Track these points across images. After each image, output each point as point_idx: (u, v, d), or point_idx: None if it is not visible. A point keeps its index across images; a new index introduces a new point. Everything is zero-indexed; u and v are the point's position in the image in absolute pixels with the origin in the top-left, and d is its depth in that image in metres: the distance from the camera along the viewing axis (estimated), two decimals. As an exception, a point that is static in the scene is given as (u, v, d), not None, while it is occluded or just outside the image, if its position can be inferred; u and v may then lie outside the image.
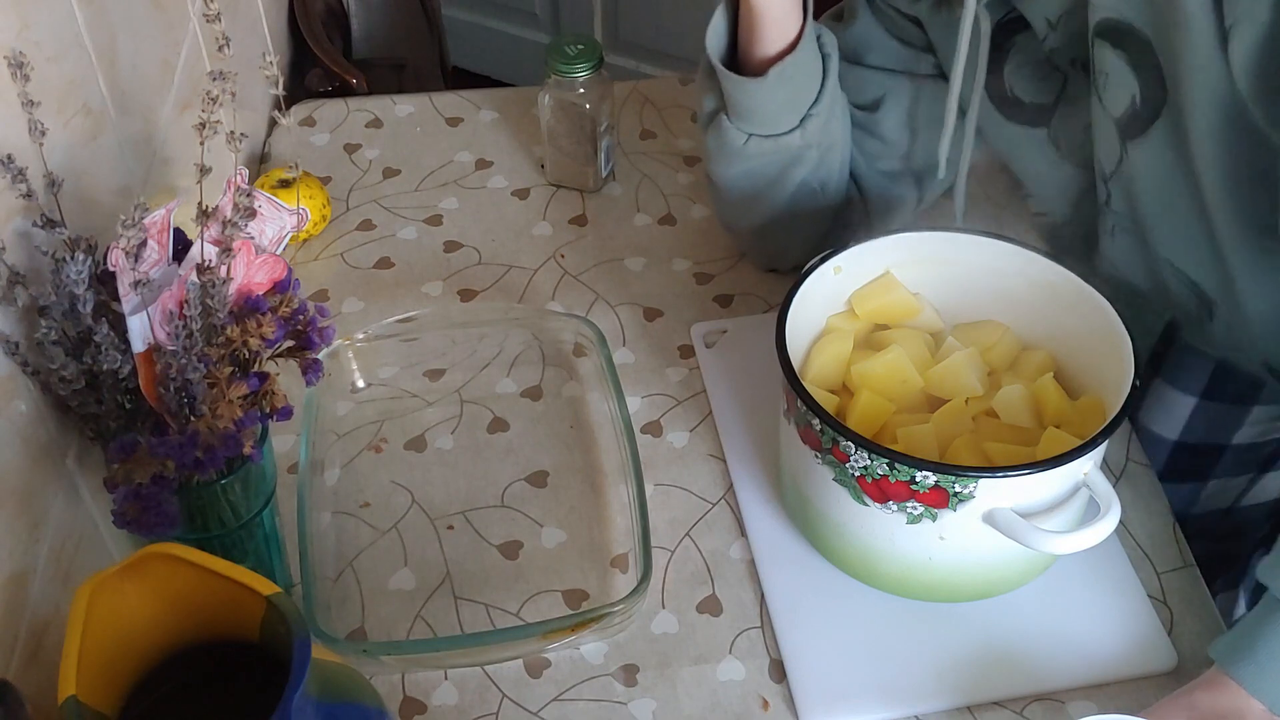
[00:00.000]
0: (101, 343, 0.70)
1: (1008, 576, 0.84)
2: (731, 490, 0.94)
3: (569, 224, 1.16)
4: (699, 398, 1.01)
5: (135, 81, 0.89)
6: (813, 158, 0.98)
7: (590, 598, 0.88)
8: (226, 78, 0.73)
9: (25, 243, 0.71)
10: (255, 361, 0.75)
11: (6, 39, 0.70)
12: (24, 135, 0.70)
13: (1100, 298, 0.84)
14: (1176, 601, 0.87)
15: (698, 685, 0.84)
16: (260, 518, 0.81)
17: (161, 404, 0.72)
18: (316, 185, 1.15)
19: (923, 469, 0.75)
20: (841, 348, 0.89)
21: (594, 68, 1.12)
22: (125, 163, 0.87)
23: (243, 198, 0.74)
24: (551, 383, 1.02)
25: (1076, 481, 0.78)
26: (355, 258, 1.13)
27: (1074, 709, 0.82)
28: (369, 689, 0.70)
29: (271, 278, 0.77)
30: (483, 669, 0.84)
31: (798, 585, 0.88)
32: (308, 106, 1.29)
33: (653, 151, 1.24)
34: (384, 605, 0.88)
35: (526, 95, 1.29)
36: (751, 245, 1.09)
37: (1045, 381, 0.86)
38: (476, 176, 1.21)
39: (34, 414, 0.73)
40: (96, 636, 0.61)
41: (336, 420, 0.99)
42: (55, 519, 0.74)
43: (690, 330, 1.05)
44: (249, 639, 0.65)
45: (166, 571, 0.63)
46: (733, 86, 0.93)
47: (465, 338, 1.04)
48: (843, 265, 0.89)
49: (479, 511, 0.93)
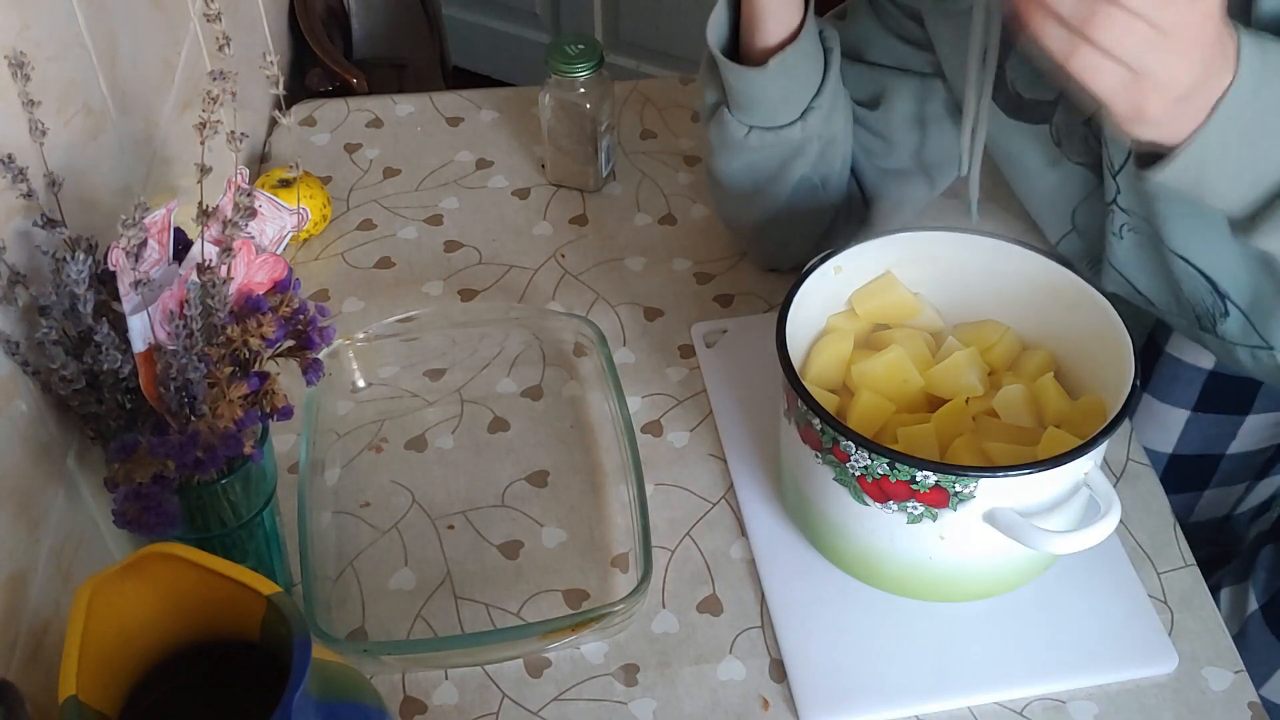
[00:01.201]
0: (102, 342, 0.70)
1: (1008, 576, 0.84)
2: (732, 490, 0.94)
3: (569, 224, 1.16)
4: (699, 397, 1.01)
5: (136, 81, 0.89)
6: (814, 151, 0.98)
7: (590, 597, 0.88)
8: (227, 77, 0.73)
9: (26, 242, 0.71)
10: (255, 361, 0.75)
11: (7, 39, 0.70)
12: (24, 135, 0.70)
13: (1100, 298, 0.84)
14: (1176, 601, 0.87)
15: (698, 685, 0.84)
16: (260, 517, 0.81)
17: (162, 404, 0.72)
18: (317, 185, 1.15)
19: (923, 469, 0.75)
20: (842, 347, 0.89)
21: (594, 67, 1.12)
22: (126, 162, 0.87)
23: (243, 197, 0.74)
24: (552, 382, 1.02)
25: (1077, 481, 0.78)
26: (355, 257, 1.13)
27: (1074, 709, 0.82)
28: (369, 689, 0.70)
29: (272, 277, 0.77)
30: (483, 669, 0.85)
31: (798, 585, 0.88)
32: (308, 106, 1.29)
33: (653, 151, 1.24)
34: (384, 605, 0.88)
35: (527, 95, 1.29)
36: (752, 242, 1.09)
37: (1045, 381, 0.86)
38: (477, 176, 1.21)
39: (34, 414, 0.73)
40: (96, 636, 0.61)
41: (337, 420, 0.99)
42: (55, 519, 0.74)
43: (690, 330, 1.05)
44: (249, 639, 0.65)
45: (167, 571, 0.63)
46: (734, 77, 0.93)
47: (465, 337, 1.04)
48: (843, 265, 0.89)
49: (479, 511, 0.93)
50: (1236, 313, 0.88)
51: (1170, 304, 0.94)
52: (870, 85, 1.01)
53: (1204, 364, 1.06)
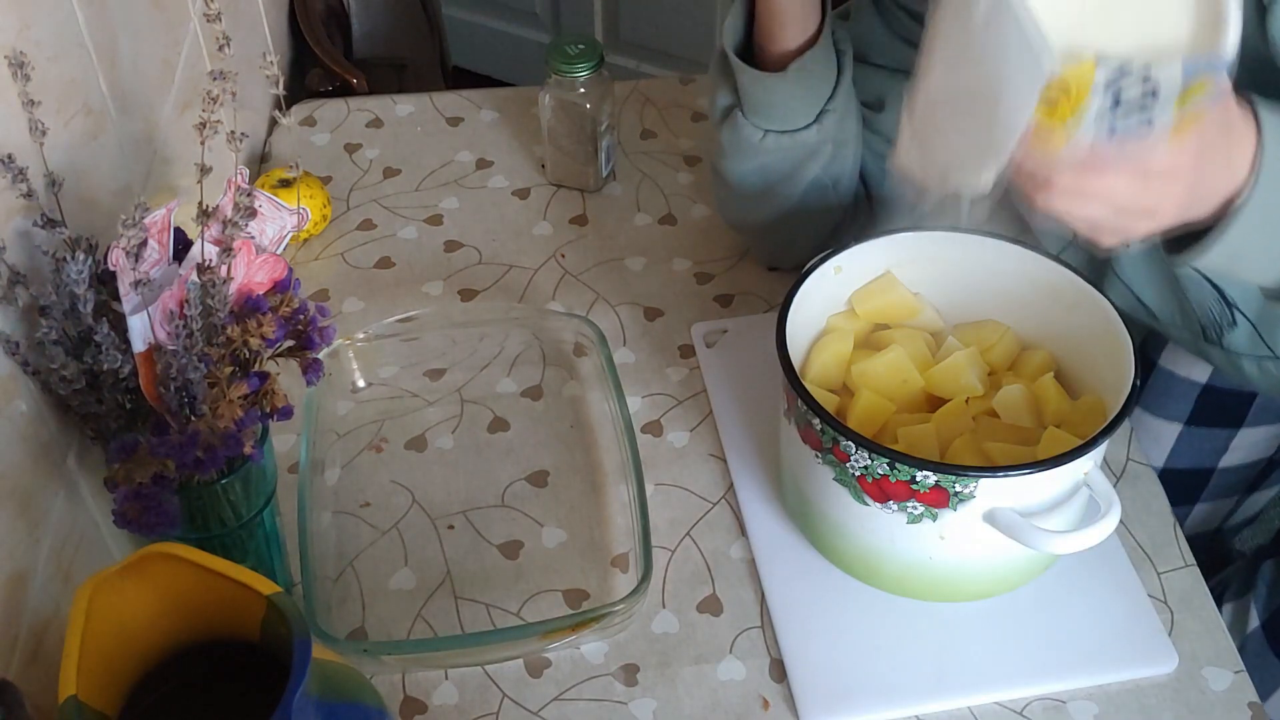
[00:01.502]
0: (102, 342, 0.70)
1: (1008, 576, 0.84)
2: (732, 490, 0.94)
3: (569, 224, 1.16)
4: (699, 397, 1.01)
5: (136, 81, 0.89)
6: (827, 153, 0.97)
7: (590, 597, 0.88)
8: (227, 77, 0.73)
9: (26, 242, 0.71)
10: (255, 361, 0.75)
11: (7, 39, 0.70)
12: (24, 135, 0.70)
13: (1101, 297, 0.84)
14: (1176, 601, 0.87)
15: (698, 685, 0.84)
16: (260, 517, 0.81)
17: (162, 404, 0.72)
18: (317, 185, 1.15)
19: (923, 469, 0.75)
20: (842, 347, 0.89)
21: (594, 67, 1.12)
22: (126, 162, 0.87)
23: (243, 197, 0.74)
24: (552, 382, 1.02)
25: (1077, 481, 0.78)
26: (355, 257, 1.13)
27: (1074, 709, 0.82)
28: (369, 689, 0.70)
29: (272, 277, 0.77)
30: (483, 669, 0.85)
31: (798, 585, 0.88)
32: (308, 106, 1.29)
33: (653, 151, 1.24)
34: (384, 605, 0.88)
35: (527, 95, 1.29)
36: (757, 241, 1.09)
37: (1045, 381, 0.86)
38: (477, 176, 1.21)
39: (34, 414, 0.73)
40: (97, 636, 0.61)
41: (337, 420, 0.99)
42: (55, 519, 0.74)
43: (690, 330, 1.05)
44: (249, 639, 0.65)
45: (167, 571, 0.63)
46: (751, 82, 0.93)
47: (465, 337, 1.04)
48: (843, 265, 0.89)
49: (479, 511, 0.93)
50: (1245, 322, 0.88)
51: (1174, 316, 0.93)
52: (874, 87, 1.01)
53: (1198, 377, 1.05)
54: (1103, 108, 0.59)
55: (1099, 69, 0.59)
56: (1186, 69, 0.59)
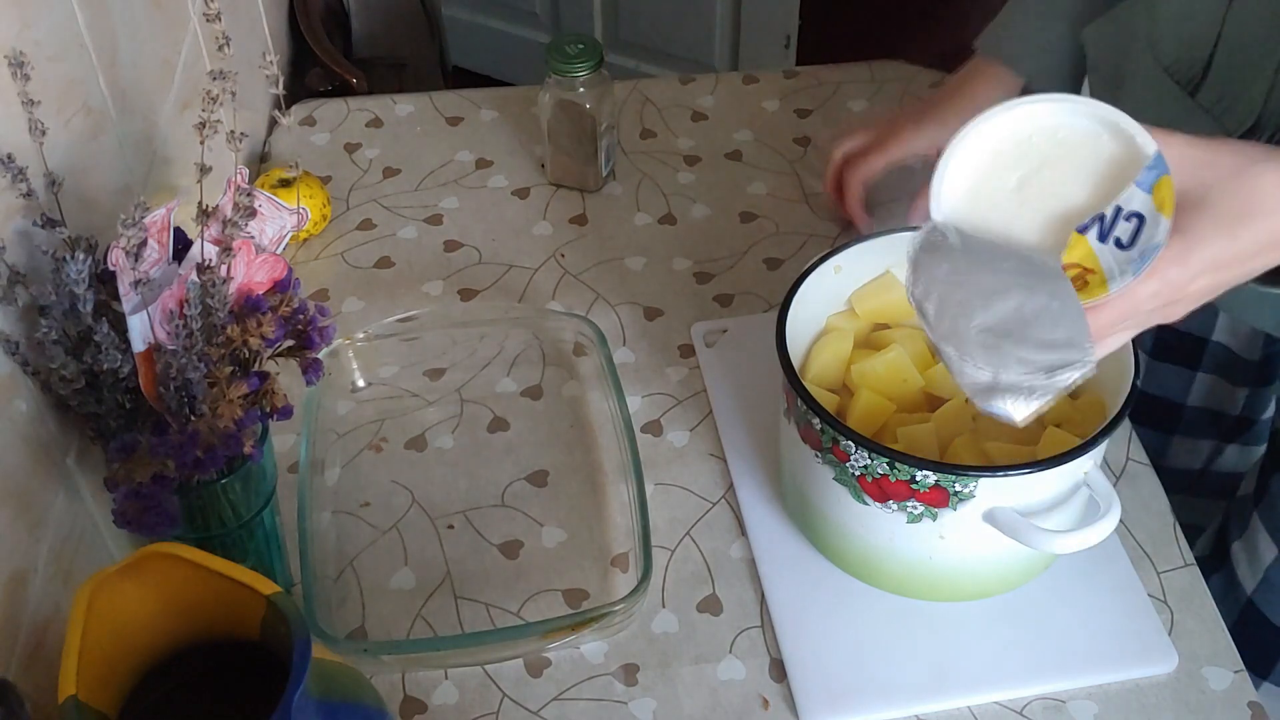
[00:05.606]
0: (102, 342, 0.70)
1: (1008, 576, 0.84)
2: (732, 490, 0.94)
3: (569, 223, 1.16)
4: (699, 397, 1.01)
5: (135, 81, 0.89)
6: None
7: (590, 597, 0.88)
8: (226, 77, 0.73)
9: (25, 242, 0.71)
10: (255, 361, 0.76)
11: (7, 38, 0.70)
12: (24, 134, 0.70)
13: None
14: (1176, 601, 0.87)
15: (698, 685, 0.84)
16: (260, 517, 0.81)
17: (162, 403, 0.72)
18: (316, 185, 1.15)
19: (923, 468, 0.75)
20: (841, 347, 0.89)
21: (594, 67, 1.12)
22: (125, 162, 0.87)
23: (243, 197, 0.74)
24: (551, 382, 1.02)
25: (1077, 481, 0.78)
26: (355, 257, 1.13)
27: (1074, 709, 0.82)
28: (369, 688, 0.70)
29: (272, 277, 0.77)
30: (483, 668, 0.85)
31: (798, 585, 0.88)
32: (308, 106, 1.29)
33: (653, 151, 1.24)
34: (384, 605, 0.88)
35: (527, 95, 1.29)
36: None
37: (1045, 381, 0.86)
38: (476, 176, 1.21)
39: (34, 414, 0.73)
40: (96, 636, 0.61)
41: (336, 420, 0.99)
42: (55, 519, 0.74)
43: (690, 330, 1.05)
44: (249, 639, 0.65)
45: (166, 571, 0.63)
46: None
47: (465, 337, 1.04)
48: (843, 265, 0.89)
49: (479, 511, 0.93)
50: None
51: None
52: None
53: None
54: (1116, 257, 0.64)
55: (1088, 235, 0.64)
56: (1140, 185, 0.64)
